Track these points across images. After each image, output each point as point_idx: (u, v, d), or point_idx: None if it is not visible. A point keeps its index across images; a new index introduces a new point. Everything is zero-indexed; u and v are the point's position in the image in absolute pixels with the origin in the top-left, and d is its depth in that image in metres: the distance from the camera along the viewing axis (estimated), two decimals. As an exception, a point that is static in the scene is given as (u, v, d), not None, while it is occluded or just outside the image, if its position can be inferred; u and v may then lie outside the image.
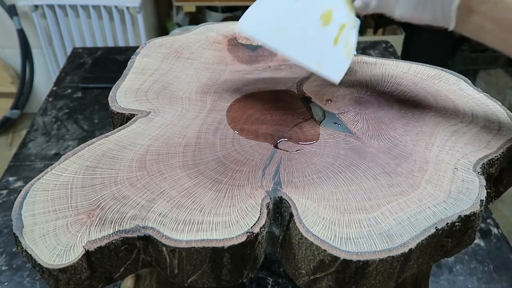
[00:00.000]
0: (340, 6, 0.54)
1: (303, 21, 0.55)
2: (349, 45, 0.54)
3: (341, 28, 0.54)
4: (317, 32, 0.54)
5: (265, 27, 0.55)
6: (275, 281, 0.73)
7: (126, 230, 0.41)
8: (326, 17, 0.54)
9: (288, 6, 0.55)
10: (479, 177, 0.48)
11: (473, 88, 0.62)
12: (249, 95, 0.61)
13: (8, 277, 0.75)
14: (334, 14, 0.54)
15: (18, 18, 1.93)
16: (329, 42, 0.54)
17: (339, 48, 0.54)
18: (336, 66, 0.55)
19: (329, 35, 0.54)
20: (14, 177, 0.94)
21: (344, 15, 0.54)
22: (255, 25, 0.56)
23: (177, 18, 2.06)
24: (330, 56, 0.54)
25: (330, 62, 0.54)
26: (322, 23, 0.54)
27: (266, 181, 0.47)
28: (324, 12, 0.54)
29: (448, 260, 0.79)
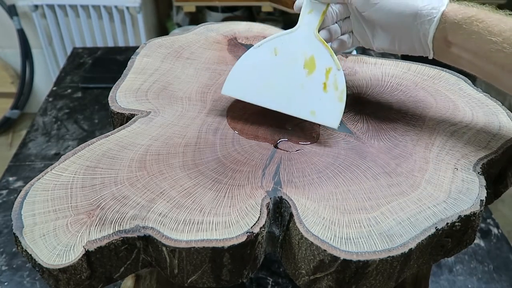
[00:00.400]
0: (321, 50, 0.54)
1: (287, 73, 0.55)
2: (339, 87, 0.53)
3: (327, 73, 0.54)
4: (304, 82, 0.54)
5: (249, 87, 0.56)
6: (275, 281, 0.73)
7: (126, 230, 0.41)
8: (309, 64, 0.54)
9: (269, 61, 0.55)
10: (479, 177, 0.48)
11: (473, 88, 0.62)
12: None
13: (8, 277, 0.75)
14: (316, 60, 0.54)
15: (18, 18, 1.92)
16: (318, 89, 0.54)
17: (330, 93, 0.54)
18: (331, 112, 0.53)
19: (317, 83, 0.54)
20: (14, 177, 0.94)
21: (327, 59, 0.54)
22: (238, 87, 0.56)
23: (177, 18, 2.06)
24: (322, 103, 0.54)
25: (323, 109, 0.54)
26: (307, 72, 0.54)
27: (266, 181, 0.47)
28: (306, 60, 0.54)
29: (448, 260, 0.79)
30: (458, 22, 0.47)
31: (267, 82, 0.55)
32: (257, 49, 0.55)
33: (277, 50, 0.55)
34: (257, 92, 0.56)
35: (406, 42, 0.52)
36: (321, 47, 0.54)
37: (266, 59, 0.55)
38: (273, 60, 0.55)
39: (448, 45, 0.49)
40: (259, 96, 0.55)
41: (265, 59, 0.55)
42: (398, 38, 0.52)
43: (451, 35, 0.48)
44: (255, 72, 0.56)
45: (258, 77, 0.56)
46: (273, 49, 0.55)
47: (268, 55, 0.55)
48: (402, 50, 0.53)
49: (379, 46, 0.55)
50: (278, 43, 0.55)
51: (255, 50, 0.56)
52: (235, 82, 0.56)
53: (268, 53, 0.55)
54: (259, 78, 0.55)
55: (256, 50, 0.55)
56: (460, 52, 0.49)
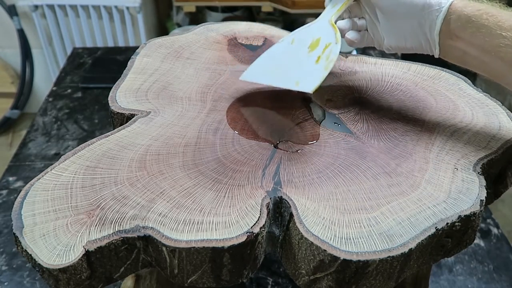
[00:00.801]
0: (328, 32, 0.57)
1: (293, 54, 0.59)
2: (329, 58, 0.55)
3: (325, 48, 0.57)
4: (303, 59, 0.58)
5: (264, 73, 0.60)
6: (275, 281, 0.73)
7: (126, 230, 0.41)
8: (314, 45, 0.58)
9: (285, 49, 0.60)
10: (479, 177, 0.48)
11: (473, 88, 0.62)
12: (249, 95, 0.61)
13: (8, 277, 0.75)
14: (321, 39, 0.57)
15: (18, 18, 1.92)
16: (311, 62, 0.57)
17: (320, 64, 0.56)
18: (312, 79, 0.54)
19: (312, 57, 0.57)
20: (14, 177, 0.94)
21: (330, 36, 0.56)
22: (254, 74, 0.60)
23: (177, 18, 2.06)
24: (309, 73, 0.56)
25: (307, 77, 0.55)
26: (309, 50, 0.58)
27: (266, 181, 0.47)
28: (313, 42, 0.58)
29: (448, 260, 0.79)
30: (467, 15, 0.46)
31: (277, 68, 0.59)
32: (279, 43, 0.61)
33: (294, 40, 0.60)
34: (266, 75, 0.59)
35: (413, 37, 0.52)
36: (330, 30, 0.57)
37: (283, 49, 0.60)
38: (288, 48, 0.60)
39: (455, 39, 0.48)
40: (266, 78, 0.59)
41: (282, 49, 0.60)
42: (406, 33, 0.52)
43: (458, 28, 0.47)
44: (271, 61, 0.60)
45: (272, 65, 0.60)
46: (291, 39, 0.60)
47: (285, 46, 0.60)
48: (409, 47, 0.53)
49: (389, 43, 0.55)
50: (297, 34, 0.60)
51: (278, 44, 0.61)
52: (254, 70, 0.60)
53: (286, 44, 0.60)
54: (273, 66, 0.60)
55: (279, 43, 0.61)
56: (467, 47, 0.48)
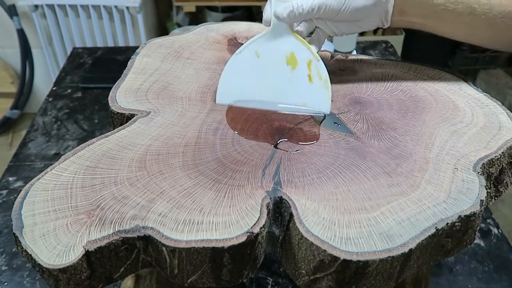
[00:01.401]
0: (298, 45, 0.57)
1: (273, 72, 0.58)
2: (322, 77, 0.57)
3: (309, 65, 0.57)
4: (290, 77, 0.58)
5: (240, 91, 0.59)
6: (275, 281, 0.73)
7: (126, 230, 0.41)
8: (291, 60, 0.57)
9: (253, 64, 0.58)
10: (479, 177, 0.48)
11: (473, 88, 0.62)
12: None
13: (8, 277, 0.75)
14: (296, 55, 0.57)
15: (18, 18, 1.92)
16: (304, 81, 0.58)
17: (316, 83, 0.57)
18: (320, 100, 0.58)
19: (302, 76, 0.58)
20: (14, 177, 0.94)
21: (306, 53, 0.57)
22: (231, 93, 0.59)
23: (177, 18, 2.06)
24: (311, 93, 0.58)
25: (313, 99, 0.58)
26: (291, 68, 0.58)
27: (266, 181, 0.47)
28: (287, 57, 0.57)
29: (448, 260, 0.78)
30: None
31: (256, 84, 0.59)
32: (239, 55, 0.58)
33: (258, 53, 0.58)
34: (248, 95, 0.59)
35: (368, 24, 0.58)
36: (297, 43, 0.57)
37: (249, 63, 0.58)
38: (256, 62, 0.58)
39: (402, 15, 0.58)
40: (252, 94, 0.59)
41: (249, 63, 0.58)
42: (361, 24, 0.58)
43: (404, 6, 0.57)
44: (242, 77, 0.59)
45: (246, 81, 0.59)
46: (254, 52, 0.58)
47: (251, 59, 0.58)
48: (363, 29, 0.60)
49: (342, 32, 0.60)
50: (258, 46, 0.58)
51: (237, 57, 0.58)
52: (226, 89, 0.59)
53: (250, 57, 0.58)
54: (248, 82, 0.59)
55: (238, 56, 0.58)
56: (412, 18, 0.58)
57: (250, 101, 0.59)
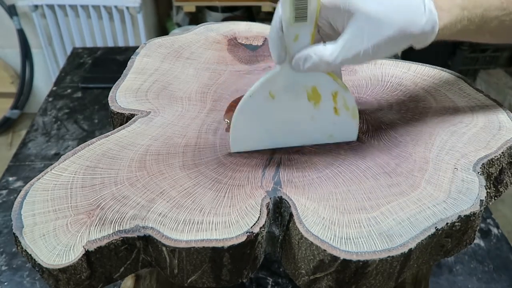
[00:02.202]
0: (321, 78, 0.49)
1: (294, 113, 0.51)
2: (349, 107, 0.52)
3: (334, 97, 0.51)
4: (314, 114, 0.51)
5: (258, 136, 0.52)
6: (275, 281, 0.73)
7: (126, 230, 0.41)
8: (314, 96, 0.50)
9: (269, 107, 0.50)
10: (479, 177, 0.48)
11: (473, 88, 0.62)
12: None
13: (8, 277, 0.75)
14: (319, 89, 0.50)
15: (18, 18, 1.92)
16: (330, 115, 0.52)
17: (343, 114, 0.52)
18: (347, 130, 0.53)
19: (327, 110, 0.51)
20: (14, 177, 0.94)
21: (330, 84, 0.50)
22: (247, 139, 0.52)
23: (177, 18, 2.06)
24: (337, 125, 0.52)
25: (340, 130, 0.53)
26: (314, 104, 0.51)
27: (266, 181, 0.47)
28: (309, 93, 0.50)
29: (448, 260, 0.79)
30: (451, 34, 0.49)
31: (274, 127, 0.51)
32: (251, 99, 0.50)
33: (272, 93, 0.50)
34: (268, 138, 0.52)
35: None
36: (320, 74, 0.49)
37: (264, 106, 0.50)
38: (272, 104, 0.50)
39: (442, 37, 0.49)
40: (271, 141, 0.52)
41: (263, 106, 0.50)
42: None
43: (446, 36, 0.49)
44: (258, 121, 0.51)
45: (263, 124, 0.51)
46: (268, 93, 0.50)
47: (265, 101, 0.50)
48: None
49: None
50: (271, 86, 0.49)
51: (249, 100, 0.50)
52: (241, 136, 0.51)
53: (263, 99, 0.50)
54: (265, 125, 0.51)
55: (250, 100, 0.50)
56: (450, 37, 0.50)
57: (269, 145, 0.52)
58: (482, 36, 0.52)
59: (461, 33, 0.49)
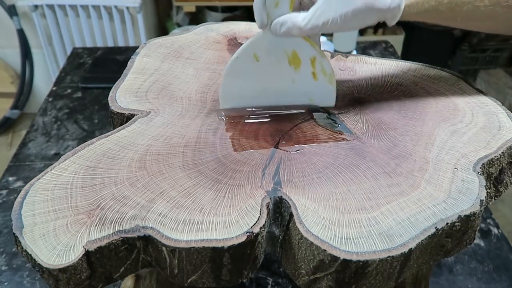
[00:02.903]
0: (300, 44, 0.55)
1: (276, 75, 0.56)
2: (327, 72, 0.57)
3: (313, 62, 0.56)
4: (294, 77, 0.57)
5: (244, 94, 0.57)
6: (275, 281, 0.73)
7: (126, 230, 0.41)
8: (294, 60, 0.56)
9: (253, 68, 0.56)
10: (479, 177, 0.48)
11: (473, 88, 0.62)
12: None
13: (8, 277, 0.75)
14: (299, 53, 0.55)
15: (18, 18, 1.93)
16: (309, 79, 0.57)
17: (320, 79, 0.57)
18: (325, 95, 0.59)
19: (306, 74, 0.57)
20: (14, 177, 0.94)
21: (308, 50, 0.55)
22: (234, 97, 0.57)
23: (177, 18, 2.06)
24: (316, 90, 0.58)
25: (319, 94, 0.58)
26: (294, 68, 0.56)
27: (266, 181, 0.47)
28: (289, 57, 0.56)
29: (448, 260, 0.79)
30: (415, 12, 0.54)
31: (259, 87, 0.57)
32: (237, 60, 0.55)
33: (257, 55, 0.55)
34: (252, 97, 0.57)
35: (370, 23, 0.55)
36: (299, 40, 0.54)
37: (250, 67, 0.55)
38: (256, 66, 0.56)
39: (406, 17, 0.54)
40: (257, 100, 0.58)
41: (249, 67, 0.56)
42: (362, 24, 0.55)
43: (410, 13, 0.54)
44: (243, 82, 0.57)
45: (248, 84, 0.57)
46: (252, 55, 0.55)
47: (250, 63, 0.55)
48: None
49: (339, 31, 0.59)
50: (255, 49, 0.55)
51: (236, 61, 0.55)
52: (229, 94, 0.57)
53: (249, 61, 0.55)
54: (250, 85, 0.57)
55: (236, 61, 0.55)
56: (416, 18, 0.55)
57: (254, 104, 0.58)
58: (453, 20, 0.55)
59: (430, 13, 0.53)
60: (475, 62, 2.41)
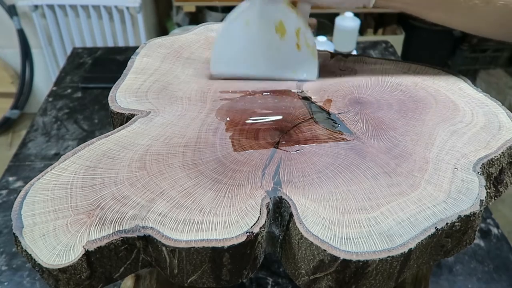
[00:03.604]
0: (287, 14, 0.58)
1: (263, 40, 0.59)
2: (310, 45, 0.59)
3: (297, 33, 0.59)
4: (279, 45, 0.59)
5: (233, 61, 0.60)
6: (275, 281, 0.73)
7: (126, 230, 0.41)
8: (280, 29, 0.59)
9: (244, 32, 0.59)
10: (479, 177, 0.48)
11: (473, 88, 0.62)
12: (249, 94, 0.61)
13: (8, 277, 0.75)
14: (284, 23, 0.58)
15: (18, 18, 1.93)
16: (293, 49, 0.60)
17: (303, 51, 0.60)
18: (308, 67, 0.61)
19: (290, 44, 0.59)
20: (14, 177, 0.94)
21: (294, 20, 0.58)
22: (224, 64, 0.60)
23: (177, 18, 2.06)
24: (299, 61, 0.60)
25: (301, 66, 0.60)
26: (280, 36, 0.59)
27: (266, 181, 0.47)
28: (276, 25, 0.58)
29: (448, 260, 0.79)
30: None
31: (247, 53, 0.60)
32: (229, 24, 0.59)
33: (247, 20, 0.58)
34: (241, 65, 0.60)
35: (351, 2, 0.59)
36: (286, 10, 0.58)
37: (240, 32, 0.59)
38: (247, 31, 0.59)
39: None
40: (244, 68, 0.61)
41: (240, 32, 0.59)
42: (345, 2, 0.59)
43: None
44: (234, 46, 0.60)
45: (238, 50, 0.60)
46: (245, 21, 0.58)
47: (242, 27, 0.59)
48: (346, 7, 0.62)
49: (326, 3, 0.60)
50: (248, 15, 0.58)
51: (229, 26, 0.59)
52: (220, 59, 0.60)
53: (241, 25, 0.59)
54: (239, 51, 0.60)
55: (229, 25, 0.59)
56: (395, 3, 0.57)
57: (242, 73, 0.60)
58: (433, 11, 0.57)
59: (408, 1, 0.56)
60: (475, 62, 2.41)
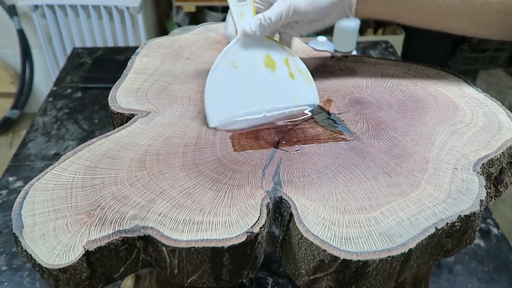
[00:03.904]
0: (271, 46, 0.57)
1: (255, 79, 0.57)
2: (302, 70, 0.58)
3: (286, 62, 0.58)
4: (273, 80, 0.57)
5: (230, 107, 0.56)
6: (275, 281, 0.73)
7: (126, 230, 0.41)
8: (269, 62, 0.57)
9: (232, 75, 0.56)
10: (479, 177, 0.48)
11: (473, 88, 0.62)
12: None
13: (8, 277, 0.75)
14: (272, 56, 0.57)
15: (18, 18, 1.93)
16: (288, 79, 0.58)
17: (298, 78, 0.58)
18: (308, 93, 0.59)
19: (284, 74, 0.58)
20: (14, 177, 0.94)
21: (279, 51, 0.57)
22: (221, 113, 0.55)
23: (177, 18, 2.06)
24: (297, 89, 0.58)
25: (301, 94, 0.59)
26: (271, 69, 0.57)
27: (266, 181, 0.47)
28: (264, 60, 0.57)
29: (448, 260, 0.79)
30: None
31: (242, 96, 0.56)
32: (216, 71, 0.55)
33: (234, 63, 0.56)
34: (240, 106, 0.56)
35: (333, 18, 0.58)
36: (269, 43, 0.57)
37: (229, 76, 0.56)
38: (236, 73, 0.56)
39: (365, 3, 0.57)
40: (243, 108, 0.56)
41: (228, 77, 0.56)
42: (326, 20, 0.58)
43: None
44: (226, 92, 0.56)
45: (231, 95, 0.56)
46: (230, 63, 0.56)
47: (229, 70, 0.56)
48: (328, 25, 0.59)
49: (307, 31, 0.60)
50: (232, 57, 0.56)
51: (215, 73, 0.55)
52: (215, 110, 0.55)
53: (227, 69, 0.55)
54: (233, 96, 0.56)
55: (216, 72, 0.55)
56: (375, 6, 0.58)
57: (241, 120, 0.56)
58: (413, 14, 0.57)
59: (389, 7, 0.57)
60: (475, 62, 2.41)
